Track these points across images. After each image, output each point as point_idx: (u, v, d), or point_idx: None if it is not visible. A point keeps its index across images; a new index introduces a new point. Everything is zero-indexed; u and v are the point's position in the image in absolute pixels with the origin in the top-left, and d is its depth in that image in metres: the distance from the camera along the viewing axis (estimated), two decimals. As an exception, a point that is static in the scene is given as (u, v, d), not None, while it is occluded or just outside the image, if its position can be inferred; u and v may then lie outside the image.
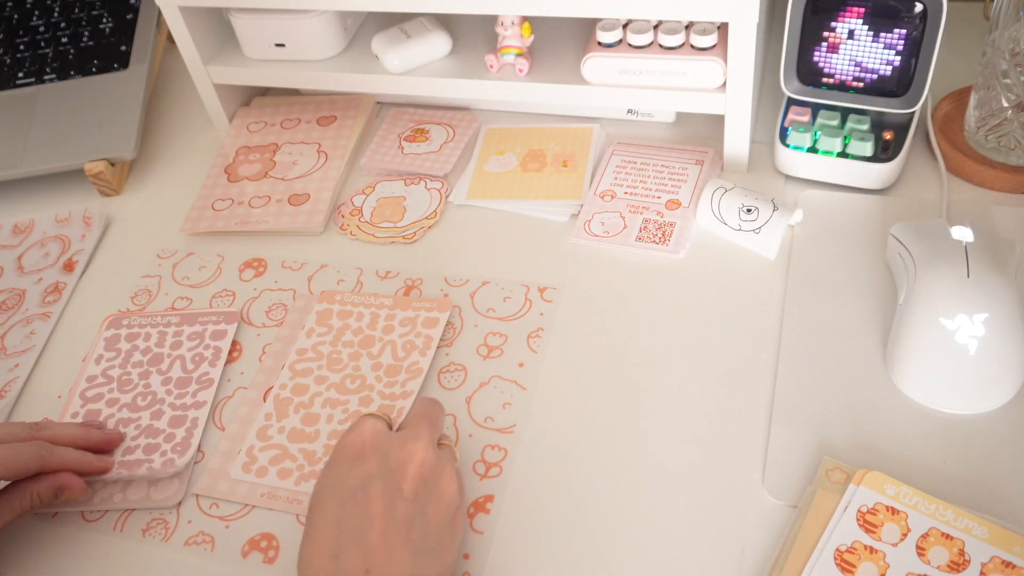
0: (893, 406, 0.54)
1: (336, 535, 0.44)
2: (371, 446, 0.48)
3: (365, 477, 0.46)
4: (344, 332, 0.64)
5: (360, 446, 0.48)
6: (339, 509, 0.45)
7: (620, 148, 0.74)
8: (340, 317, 0.65)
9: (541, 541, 0.52)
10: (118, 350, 0.65)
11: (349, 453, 0.48)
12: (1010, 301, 0.54)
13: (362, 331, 0.63)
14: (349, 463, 0.47)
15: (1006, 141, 0.65)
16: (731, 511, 0.51)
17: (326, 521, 0.45)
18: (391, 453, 0.47)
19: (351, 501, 0.45)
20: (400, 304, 0.64)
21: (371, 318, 0.64)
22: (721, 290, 0.63)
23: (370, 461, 0.47)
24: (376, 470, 0.46)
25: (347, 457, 0.48)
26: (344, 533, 0.44)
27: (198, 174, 0.80)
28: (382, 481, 0.46)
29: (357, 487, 0.46)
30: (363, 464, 0.47)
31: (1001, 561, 0.46)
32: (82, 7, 0.89)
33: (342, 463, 0.47)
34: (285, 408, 0.60)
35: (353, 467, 0.47)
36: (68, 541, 0.56)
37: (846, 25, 0.63)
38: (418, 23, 0.76)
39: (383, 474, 0.46)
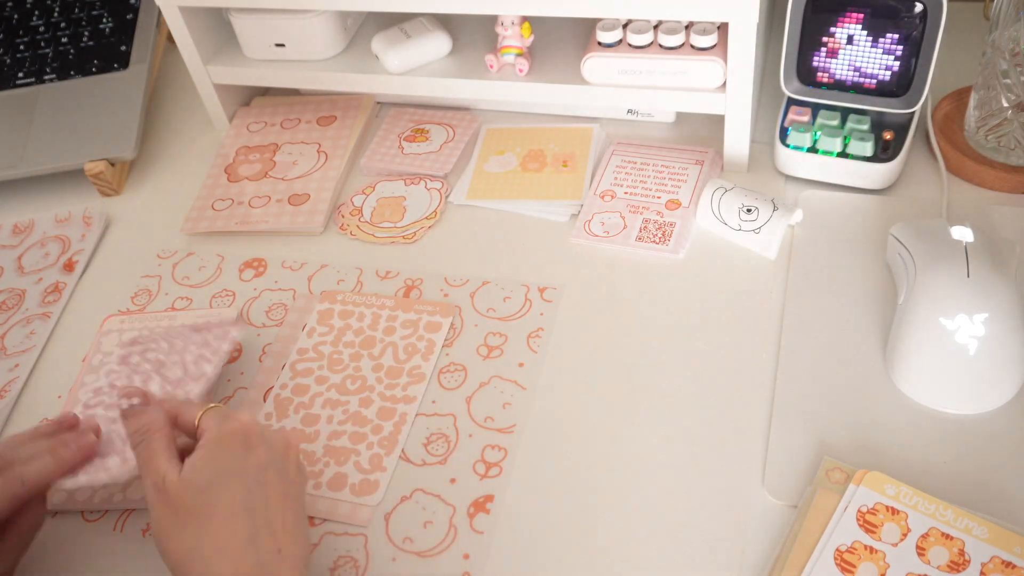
0: (893, 406, 0.54)
1: (248, 520, 0.46)
2: (255, 435, 0.49)
3: (260, 464, 0.48)
4: (345, 332, 0.63)
5: (245, 434, 0.49)
6: (246, 494, 0.47)
7: (620, 148, 0.74)
8: (341, 317, 0.65)
9: (541, 541, 0.52)
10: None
11: (237, 440, 0.48)
12: (1010, 301, 0.54)
13: (363, 331, 0.63)
14: (242, 451, 0.48)
15: (1006, 141, 0.65)
16: (731, 511, 0.51)
17: (234, 506, 0.46)
18: (273, 440, 0.50)
19: (255, 487, 0.47)
20: (402, 306, 0.64)
21: (372, 319, 0.64)
22: (721, 290, 0.63)
23: (259, 449, 0.48)
24: (267, 457, 0.48)
25: (236, 444, 0.48)
26: (255, 517, 0.46)
27: (198, 174, 0.80)
28: (275, 467, 0.48)
29: (258, 473, 0.47)
30: (254, 452, 0.48)
31: (1001, 561, 0.46)
32: (82, 7, 0.89)
33: (235, 450, 0.48)
34: (285, 408, 0.60)
35: (247, 455, 0.48)
36: (68, 541, 0.56)
37: (846, 25, 0.63)
38: (418, 23, 0.76)
39: (273, 460, 0.49)
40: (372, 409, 0.59)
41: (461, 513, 0.53)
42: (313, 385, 0.61)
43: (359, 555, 0.52)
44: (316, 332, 0.64)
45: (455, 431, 0.57)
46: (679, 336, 0.60)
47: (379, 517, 0.54)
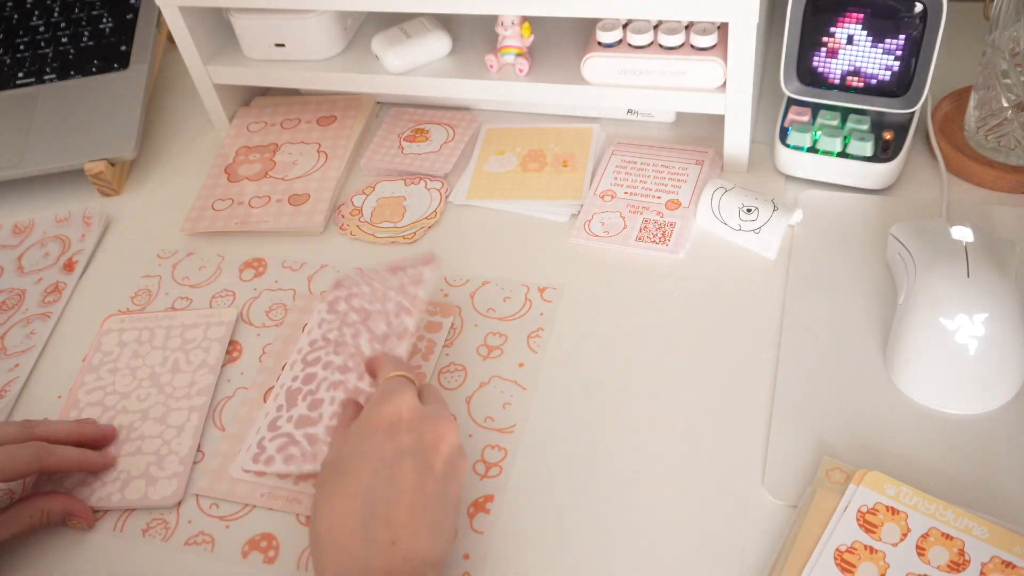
0: (893, 406, 0.54)
1: (367, 503, 0.45)
2: (407, 421, 0.48)
3: (400, 451, 0.46)
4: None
5: (396, 419, 0.48)
6: (372, 477, 0.45)
7: (620, 148, 0.74)
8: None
9: (541, 541, 0.52)
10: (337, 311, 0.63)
11: (384, 424, 0.48)
12: (1010, 301, 0.54)
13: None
14: (384, 434, 0.47)
15: (1006, 141, 0.65)
16: (731, 511, 0.51)
17: (357, 487, 0.45)
18: (425, 431, 0.48)
19: (385, 471, 0.46)
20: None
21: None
22: (721, 290, 0.63)
23: (405, 436, 0.47)
24: (410, 446, 0.47)
25: (382, 428, 0.48)
26: (376, 503, 0.45)
27: (198, 174, 0.80)
28: (414, 457, 0.46)
29: (391, 459, 0.46)
30: (398, 438, 0.47)
31: (1001, 561, 0.46)
32: (82, 7, 0.89)
33: (376, 433, 0.47)
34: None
35: (388, 439, 0.47)
36: (68, 541, 0.56)
37: (846, 25, 0.63)
38: (418, 23, 0.76)
39: (417, 450, 0.47)
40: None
41: (461, 513, 0.53)
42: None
43: (359, 555, 0.52)
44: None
45: (455, 431, 0.57)
46: (679, 336, 0.60)
47: (379, 517, 0.54)
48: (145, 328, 0.67)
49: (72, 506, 0.55)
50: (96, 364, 0.65)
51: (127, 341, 0.66)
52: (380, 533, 0.44)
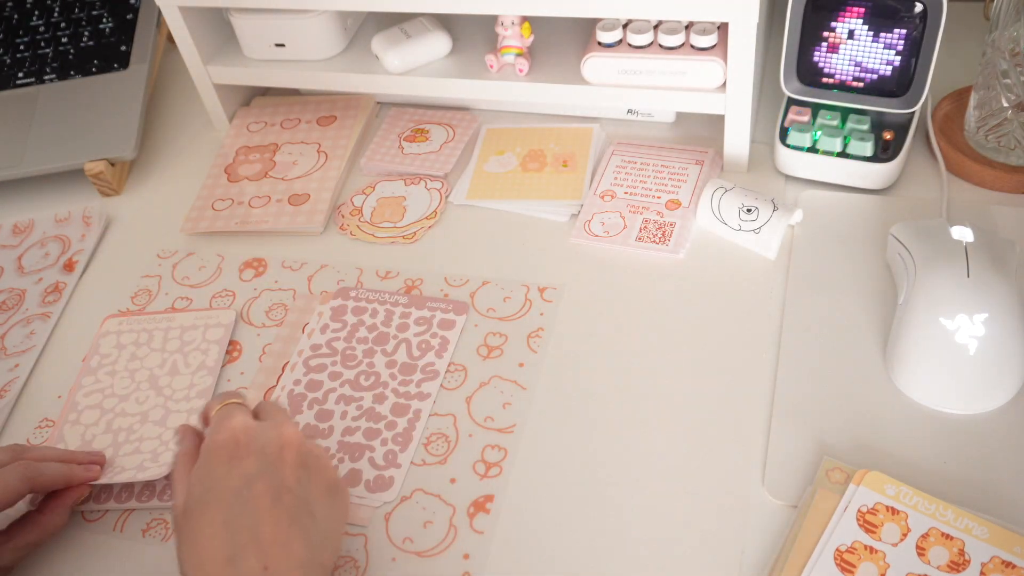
0: (893, 406, 0.54)
1: (228, 537, 0.43)
2: (244, 443, 0.46)
3: (246, 476, 0.45)
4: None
5: (233, 445, 0.46)
6: (225, 511, 0.44)
7: (620, 148, 0.74)
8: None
9: (541, 541, 0.52)
10: (343, 321, 0.64)
11: (224, 453, 0.46)
12: (1010, 301, 0.54)
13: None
14: (226, 463, 0.46)
15: (1006, 141, 0.65)
16: (731, 511, 0.51)
17: (214, 526, 0.44)
18: (266, 445, 0.47)
19: (236, 501, 0.44)
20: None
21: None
22: (721, 290, 0.63)
23: (247, 460, 0.46)
24: (255, 467, 0.45)
25: (223, 457, 0.46)
26: (237, 534, 0.43)
27: (198, 174, 0.80)
28: (263, 478, 0.45)
29: (241, 486, 0.45)
30: (241, 462, 0.46)
31: (1001, 561, 0.46)
32: (82, 7, 0.89)
33: (218, 464, 0.46)
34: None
35: (232, 467, 0.46)
36: (68, 541, 0.56)
37: (846, 25, 0.63)
38: (418, 23, 0.76)
39: (263, 470, 0.45)
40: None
41: (461, 513, 0.53)
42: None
43: (359, 555, 0.52)
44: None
45: (455, 431, 0.57)
46: (679, 336, 0.60)
47: (379, 517, 0.54)
48: (144, 329, 0.67)
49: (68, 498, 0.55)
50: (95, 365, 0.65)
51: (126, 342, 0.66)
52: (250, 563, 0.43)
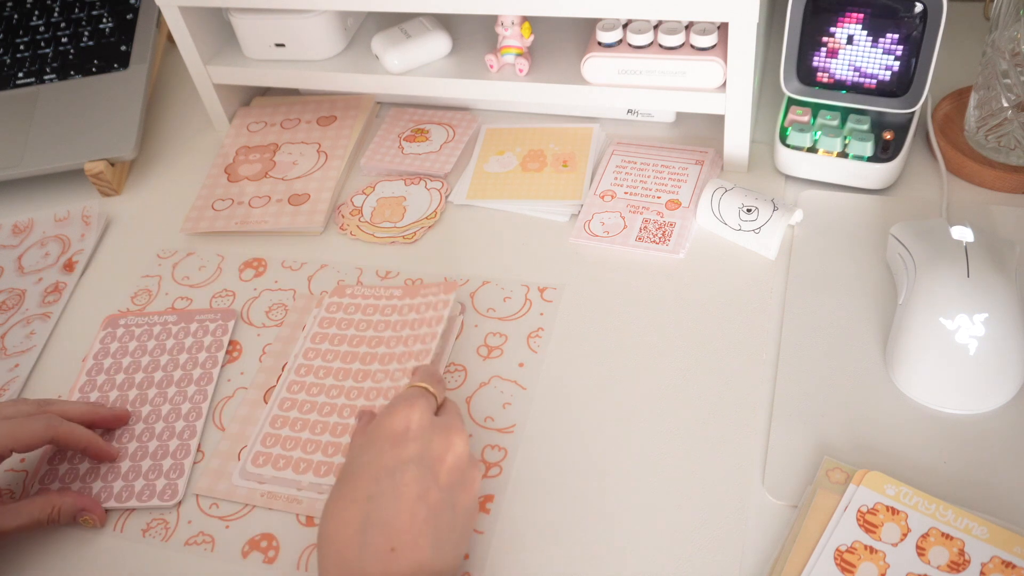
0: (893, 406, 0.54)
1: (367, 510, 0.45)
2: (415, 431, 0.48)
3: (404, 459, 0.47)
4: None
5: (403, 428, 0.48)
6: (374, 485, 0.46)
7: (620, 148, 0.74)
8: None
9: (541, 541, 0.52)
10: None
11: (390, 433, 0.48)
12: (1010, 301, 0.54)
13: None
14: (389, 443, 0.47)
15: (1006, 141, 0.65)
16: (731, 511, 0.51)
17: (359, 493, 0.46)
18: (433, 441, 0.48)
19: (387, 480, 0.46)
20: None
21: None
22: (721, 290, 0.63)
23: (411, 445, 0.47)
24: (415, 455, 0.47)
25: (388, 437, 0.48)
26: (376, 510, 0.45)
27: (198, 174, 0.80)
28: (419, 466, 0.46)
29: (395, 467, 0.46)
30: (404, 447, 0.47)
31: (1001, 561, 0.46)
32: (82, 7, 0.89)
33: (383, 442, 0.48)
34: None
35: (392, 447, 0.47)
36: (68, 541, 0.56)
37: (846, 25, 0.63)
38: (418, 23, 0.76)
39: (421, 460, 0.47)
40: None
41: (467, 517, 0.53)
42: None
43: (359, 555, 0.52)
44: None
45: (455, 431, 0.57)
46: (679, 336, 0.60)
47: (379, 517, 0.54)
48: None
49: (84, 503, 0.55)
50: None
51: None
52: (377, 540, 0.44)
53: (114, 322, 0.68)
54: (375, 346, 0.62)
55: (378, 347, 0.62)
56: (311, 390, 0.60)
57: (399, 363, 0.60)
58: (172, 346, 0.65)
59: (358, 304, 0.65)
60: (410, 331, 0.62)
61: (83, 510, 0.55)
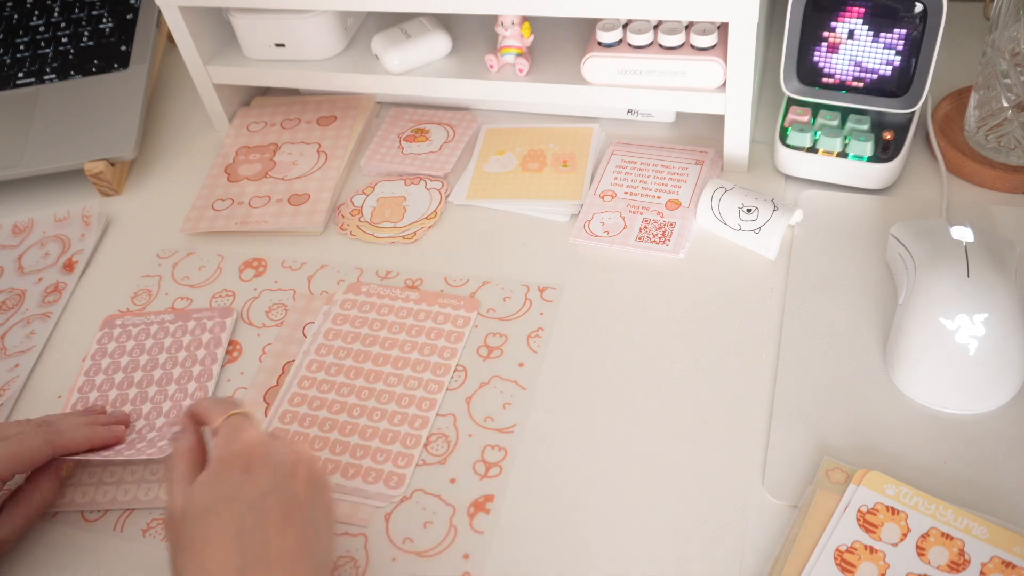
0: (893, 406, 0.54)
1: (239, 549, 0.43)
2: (259, 456, 0.47)
3: (260, 490, 0.45)
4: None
5: (248, 457, 0.47)
6: (238, 522, 0.44)
7: (620, 148, 0.74)
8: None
9: (541, 541, 0.52)
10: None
11: (238, 464, 0.46)
12: (1010, 301, 0.54)
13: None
14: (240, 475, 0.46)
15: (1006, 141, 0.65)
16: (731, 511, 0.51)
17: (224, 536, 0.44)
18: (280, 460, 0.47)
19: (250, 514, 0.44)
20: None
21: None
22: (721, 290, 0.63)
23: (260, 473, 0.46)
24: (269, 482, 0.46)
25: (236, 468, 0.46)
26: (247, 547, 0.43)
27: (198, 174, 0.80)
28: (277, 493, 0.45)
29: (255, 499, 0.45)
30: (254, 477, 0.46)
31: (1001, 561, 0.46)
32: (82, 7, 0.89)
33: (232, 474, 0.46)
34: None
35: (245, 480, 0.46)
36: (68, 541, 0.56)
37: (846, 25, 0.63)
38: (418, 23, 0.76)
39: (277, 485, 0.46)
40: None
41: (461, 513, 0.53)
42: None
43: (359, 555, 0.52)
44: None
45: (455, 431, 0.57)
46: (679, 336, 0.60)
47: (379, 517, 0.54)
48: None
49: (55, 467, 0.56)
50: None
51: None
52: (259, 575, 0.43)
53: (111, 322, 0.68)
54: (388, 348, 0.62)
55: (391, 349, 0.62)
56: (321, 387, 0.60)
57: (413, 371, 0.60)
58: (170, 344, 0.65)
59: (372, 303, 0.65)
60: (426, 339, 0.62)
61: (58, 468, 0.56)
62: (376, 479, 0.55)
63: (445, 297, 0.65)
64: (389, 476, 0.55)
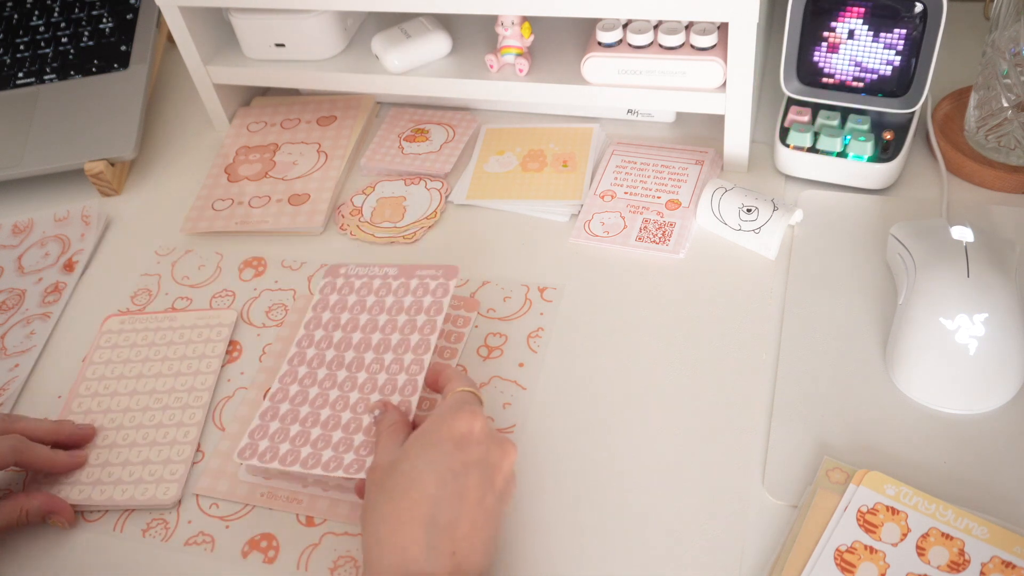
0: (893, 406, 0.54)
1: (432, 512, 0.45)
2: (479, 436, 0.49)
3: (467, 463, 0.47)
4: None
5: (467, 432, 0.48)
6: (439, 487, 0.46)
7: (620, 148, 0.74)
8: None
9: (541, 541, 0.52)
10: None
11: (455, 435, 0.48)
12: (1010, 301, 0.54)
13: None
14: (454, 446, 0.48)
15: (1006, 141, 0.65)
16: (731, 511, 0.51)
17: (423, 494, 0.46)
18: (492, 447, 0.49)
19: (452, 483, 0.46)
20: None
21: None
22: (721, 290, 0.63)
23: (474, 450, 0.48)
24: (477, 460, 0.48)
25: (452, 439, 0.48)
26: (440, 513, 0.45)
27: (198, 174, 0.80)
28: (481, 472, 0.47)
29: (459, 471, 0.47)
30: (467, 451, 0.48)
31: (1001, 561, 0.46)
32: (82, 7, 0.89)
33: (446, 443, 0.48)
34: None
35: (457, 450, 0.48)
36: (68, 541, 0.56)
37: (846, 25, 0.63)
38: (418, 23, 0.76)
39: (483, 465, 0.48)
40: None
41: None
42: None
43: (359, 555, 0.52)
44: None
45: (455, 431, 0.57)
46: (679, 336, 0.60)
47: (379, 517, 0.54)
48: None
49: (52, 504, 0.55)
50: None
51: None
52: (442, 543, 0.45)
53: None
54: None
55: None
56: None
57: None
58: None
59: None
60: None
61: (51, 512, 0.55)
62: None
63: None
64: None
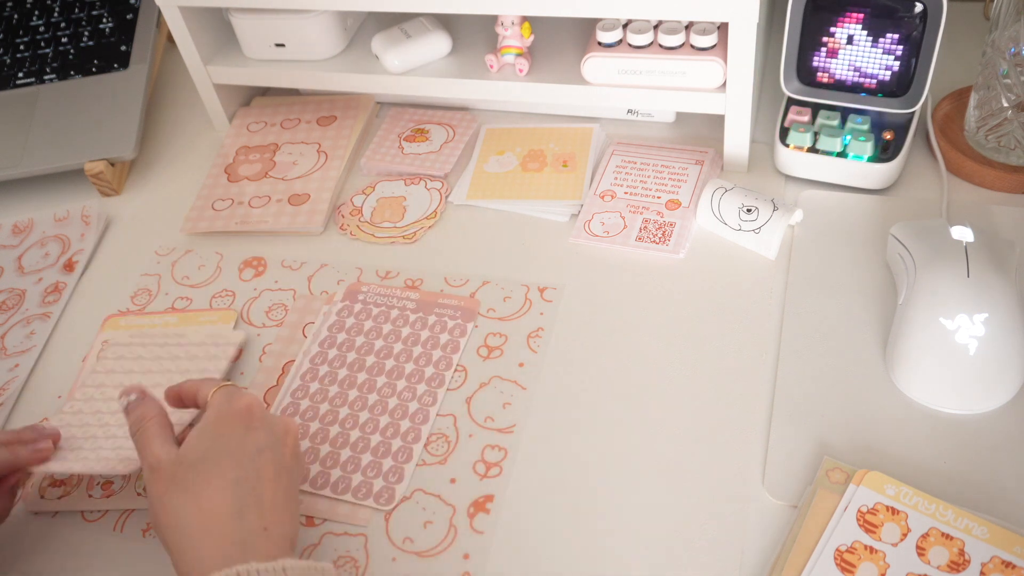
0: (893, 406, 0.54)
1: (237, 494, 0.47)
2: (258, 417, 0.50)
3: (258, 445, 0.49)
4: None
5: (248, 414, 0.50)
6: (237, 470, 0.48)
7: (620, 148, 0.74)
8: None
9: (541, 541, 0.52)
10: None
11: (240, 420, 0.50)
12: (1010, 301, 0.54)
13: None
14: (242, 429, 0.49)
15: (1006, 141, 0.65)
16: (731, 511, 0.51)
17: (224, 480, 0.47)
18: (274, 425, 0.51)
19: (249, 464, 0.48)
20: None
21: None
22: (721, 290, 0.63)
23: (259, 431, 0.50)
24: (265, 440, 0.50)
25: (238, 423, 0.50)
26: (245, 493, 0.47)
27: (198, 174, 0.80)
28: (272, 451, 0.50)
29: (253, 452, 0.49)
30: (254, 432, 0.50)
31: (1001, 561, 0.46)
32: (82, 7, 0.89)
33: (235, 427, 0.49)
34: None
35: (246, 433, 0.49)
36: (68, 541, 0.56)
37: (846, 25, 0.63)
38: (418, 23, 0.76)
39: (272, 444, 0.50)
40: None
41: (461, 513, 0.53)
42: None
43: (359, 555, 0.52)
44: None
45: (455, 431, 0.57)
46: (679, 336, 0.60)
47: (379, 517, 0.54)
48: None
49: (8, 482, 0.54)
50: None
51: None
52: (253, 521, 0.47)
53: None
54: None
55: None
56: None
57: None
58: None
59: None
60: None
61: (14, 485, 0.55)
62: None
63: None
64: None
